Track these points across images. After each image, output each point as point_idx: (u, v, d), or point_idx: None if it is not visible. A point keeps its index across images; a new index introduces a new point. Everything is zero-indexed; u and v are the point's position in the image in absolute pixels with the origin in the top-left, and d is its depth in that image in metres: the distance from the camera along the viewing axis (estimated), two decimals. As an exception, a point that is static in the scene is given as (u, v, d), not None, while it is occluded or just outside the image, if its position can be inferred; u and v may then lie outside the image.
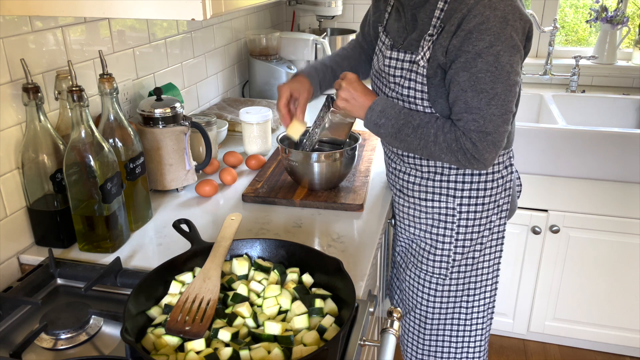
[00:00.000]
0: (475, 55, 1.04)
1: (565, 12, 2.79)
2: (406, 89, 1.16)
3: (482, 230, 1.28)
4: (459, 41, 1.05)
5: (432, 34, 1.10)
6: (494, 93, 1.05)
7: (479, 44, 1.03)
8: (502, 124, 1.08)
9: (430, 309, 1.36)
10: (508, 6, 1.03)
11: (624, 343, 2.17)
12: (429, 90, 1.14)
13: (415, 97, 1.16)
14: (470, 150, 1.09)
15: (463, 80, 1.06)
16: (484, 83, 1.05)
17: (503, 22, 1.02)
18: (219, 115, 1.76)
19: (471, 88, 1.06)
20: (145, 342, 0.80)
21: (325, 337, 0.80)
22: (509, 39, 1.03)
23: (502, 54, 1.03)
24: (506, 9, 1.02)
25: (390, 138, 1.18)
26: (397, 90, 1.18)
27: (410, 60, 1.15)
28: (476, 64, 1.04)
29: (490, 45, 1.03)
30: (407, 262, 1.39)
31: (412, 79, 1.15)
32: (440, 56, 1.09)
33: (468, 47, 1.04)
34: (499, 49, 1.03)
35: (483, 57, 1.03)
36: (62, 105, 1.14)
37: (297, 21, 2.58)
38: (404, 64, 1.17)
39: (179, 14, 0.88)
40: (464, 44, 1.04)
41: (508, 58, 1.04)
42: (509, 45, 1.03)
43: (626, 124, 2.35)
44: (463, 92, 1.07)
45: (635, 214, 1.95)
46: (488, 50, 1.03)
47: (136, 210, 1.19)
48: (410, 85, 1.15)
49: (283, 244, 0.99)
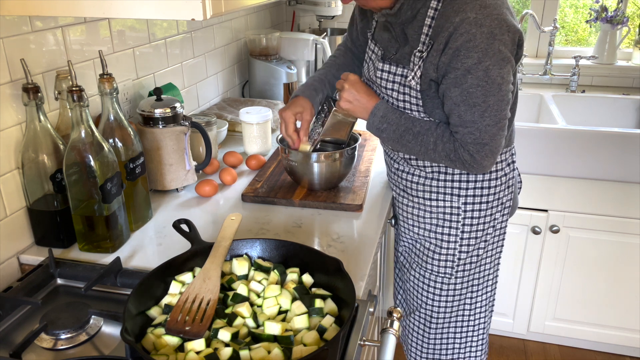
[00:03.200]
0: (464, 72, 1.04)
1: (565, 12, 2.79)
2: (401, 102, 1.17)
3: (486, 228, 1.28)
4: (447, 58, 1.05)
5: (421, 50, 1.10)
6: (487, 106, 1.06)
7: (467, 61, 1.03)
8: (498, 132, 1.09)
9: (436, 308, 1.36)
10: (494, 21, 1.01)
11: (624, 343, 2.17)
12: (425, 102, 1.14)
13: (411, 109, 1.17)
14: (468, 161, 1.11)
15: (455, 95, 1.07)
16: (475, 97, 1.05)
17: (490, 37, 1.01)
18: (219, 115, 1.76)
19: (463, 102, 1.06)
20: (145, 342, 0.80)
21: (325, 337, 0.80)
22: (497, 53, 1.03)
23: (491, 68, 1.03)
24: (492, 24, 1.01)
25: (392, 142, 1.19)
26: (392, 102, 1.19)
27: (402, 74, 1.16)
28: (466, 80, 1.04)
29: (479, 62, 1.02)
30: (410, 262, 1.39)
31: (407, 93, 1.16)
32: (432, 72, 1.09)
33: (457, 65, 1.04)
34: (488, 64, 1.03)
35: (472, 73, 1.03)
36: (62, 105, 1.14)
37: (297, 21, 2.58)
38: (395, 77, 1.17)
39: (179, 14, 0.88)
40: (452, 61, 1.04)
41: (498, 71, 1.04)
42: (498, 59, 1.03)
43: (626, 124, 2.35)
44: (456, 106, 1.08)
45: (635, 214, 1.95)
46: (477, 66, 1.03)
47: (136, 210, 1.19)
48: (405, 99, 1.16)
49: (283, 244, 0.99)
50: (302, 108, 1.28)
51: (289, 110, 1.28)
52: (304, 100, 1.29)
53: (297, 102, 1.29)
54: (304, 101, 1.29)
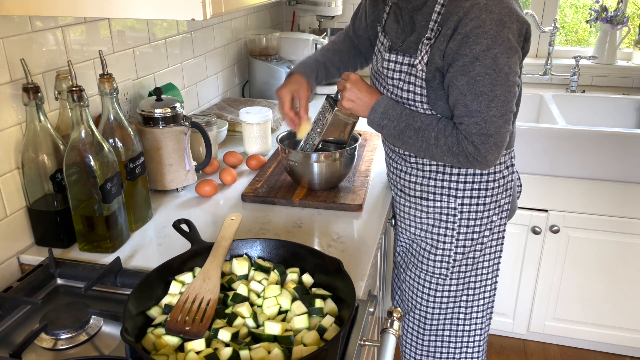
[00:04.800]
0: (472, 59, 1.04)
1: (565, 12, 2.79)
2: (405, 92, 1.16)
3: (482, 230, 1.28)
4: (455, 45, 1.05)
5: (429, 37, 1.10)
6: (494, 95, 1.05)
7: (476, 48, 1.03)
8: (503, 125, 1.08)
9: (430, 309, 1.36)
10: (504, 8, 1.02)
11: (624, 343, 2.17)
12: (428, 93, 1.14)
13: (414, 100, 1.16)
14: (473, 153, 1.09)
15: (462, 84, 1.06)
16: (482, 86, 1.05)
17: (499, 24, 1.02)
18: (219, 115, 1.76)
19: (470, 91, 1.06)
20: (145, 342, 0.80)
21: (325, 337, 0.80)
22: (506, 41, 1.03)
23: (499, 56, 1.03)
24: (502, 12, 1.02)
25: (394, 139, 1.19)
26: (396, 93, 1.18)
27: (408, 63, 1.15)
28: (474, 68, 1.04)
29: (487, 49, 1.02)
30: (407, 262, 1.39)
31: (411, 82, 1.15)
32: (438, 59, 1.09)
33: (465, 51, 1.04)
34: (497, 52, 1.03)
35: (481, 60, 1.03)
36: (62, 105, 1.14)
37: (297, 21, 2.58)
38: (402, 67, 1.17)
39: (179, 14, 0.88)
40: (461, 47, 1.04)
41: (506, 60, 1.04)
42: (507, 47, 1.03)
43: (626, 124, 2.35)
44: (462, 95, 1.07)
45: (635, 214, 1.95)
46: (485, 53, 1.03)
47: (136, 210, 1.19)
48: (410, 89, 1.16)
49: (283, 244, 0.99)
50: (297, 85, 1.28)
51: (284, 88, 1.28)
52: (300, 76, 1.29)
53: (292, 79, 1.30)
54: (299, 77, 1.29)
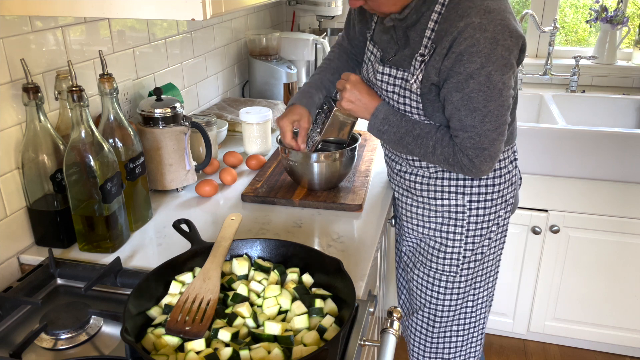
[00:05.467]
0: (467, 77, 1.04)
1: (565, 12, 2.79)
2: (401, 105, 1.18)
3: (490, 225, 1.29)
4: (450, 63, 1.05)
5: (423, 53, 1.10)
6: (487, 110, 1.06)
7: (470, 66, 1.03)
8: (497, 137, 1.10)
9: (440, 306, 1.37)
10: (498, 26, 1.02)
11: (624, 343, 2.17)
12: (425, 106, 1.15)
13: (411, 112, 1.17)
14: (467, 165, 1.12)
15: (456, 99, 1.07)
16: (476, 102, 1.06)
17: (493, 42, 1.02)
18: (219, 115, 1.76)
19: (464, 107, 1.07)
20: (145, 342, 0.80)
21: (325, 337, 0.80)
22: (500, 59, 1.03)
23: (493, 73, 1.03)
24: (496, 29, 1.02)
25: (393, 144, 1.21)
26: (393, 105, 1.20)
27: (402, 77, 1.16)
28: (468, 85, 1.05)
29: (481, 67, 1.03)
30: (414, 262, 1.39)
31: (407, 96, 1.16)
32: (434, 76, 1.10)
33: (460, 69, 1.04)
34: (490, 70, 1.03)
35: (475, 78, 1.04)
36: (62, 105, 1.14)
37: (297, 21, 2.58)
38: (396, 81, 1.17)
39: (179, 14, 0.88)
40: (455, 65, 1.05)
41: (500, 77, 1.04)
42: (501, 64, 1.03)
43: (626, 124, 2.35)
44: (457, 110, 1.08)
45: (635, 214, 1.95)
46: (479, 71, 1.03)
47: (136, 210, 1.19)
48: (405, 102, 1.17)
49: (283, 244, 0.99)
50: (299, 116, 1.28)
51: (286, 119, 1.28)
52: (301, 108, 1.30)
53: (294, 111, 1.29)
54: (301, 109, 1.29)
